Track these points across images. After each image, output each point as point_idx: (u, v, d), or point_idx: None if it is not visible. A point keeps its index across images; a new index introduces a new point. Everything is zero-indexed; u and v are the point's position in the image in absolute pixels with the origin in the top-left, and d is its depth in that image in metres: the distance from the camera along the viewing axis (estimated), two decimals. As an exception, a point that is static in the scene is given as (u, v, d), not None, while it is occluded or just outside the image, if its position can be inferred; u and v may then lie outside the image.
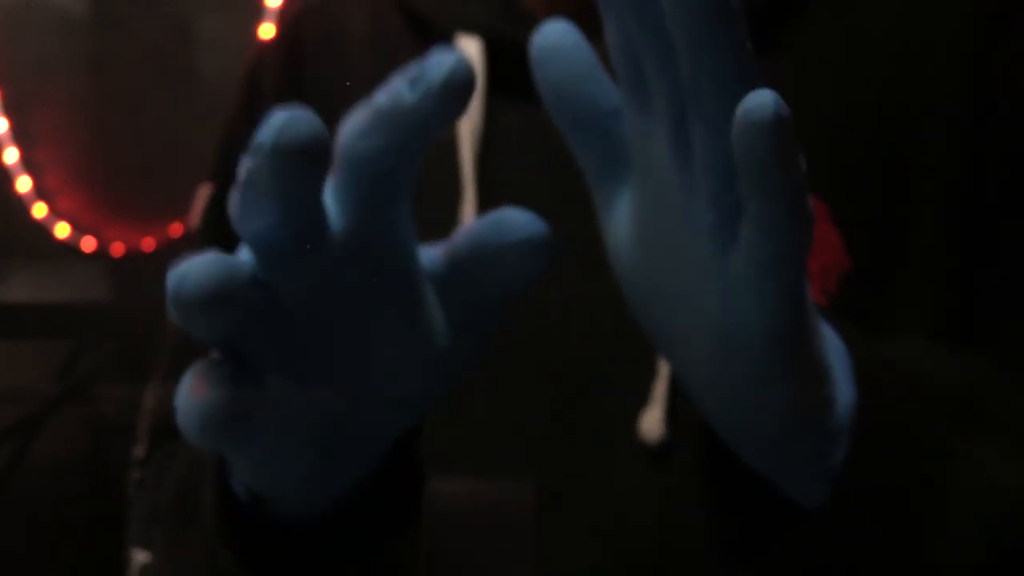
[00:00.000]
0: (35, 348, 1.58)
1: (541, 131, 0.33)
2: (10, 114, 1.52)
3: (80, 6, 1.58)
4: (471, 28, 0.50)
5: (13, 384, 1.54)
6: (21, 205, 1.51)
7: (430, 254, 0.34)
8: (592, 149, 0.34)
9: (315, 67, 0.55)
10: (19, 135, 1.52)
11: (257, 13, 1.40)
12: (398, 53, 0.52)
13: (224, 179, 0.56)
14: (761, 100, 0.27)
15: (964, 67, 0.48)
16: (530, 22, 0.50)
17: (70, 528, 1.46)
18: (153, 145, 1.51)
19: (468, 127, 0.49)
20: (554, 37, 0.33)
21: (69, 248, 1.50)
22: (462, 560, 0.41)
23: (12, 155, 1.51)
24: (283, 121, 0.28)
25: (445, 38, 0.50)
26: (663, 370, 0.45)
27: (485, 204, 0.46)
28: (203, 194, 0.57)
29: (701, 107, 0.29)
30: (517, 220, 0.31)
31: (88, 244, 1.50)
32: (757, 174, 0.28)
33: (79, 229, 1.51)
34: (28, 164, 1.51)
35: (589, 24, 0.50)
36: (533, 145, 0.48)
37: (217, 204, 0.56)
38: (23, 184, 1.50)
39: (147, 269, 1.50)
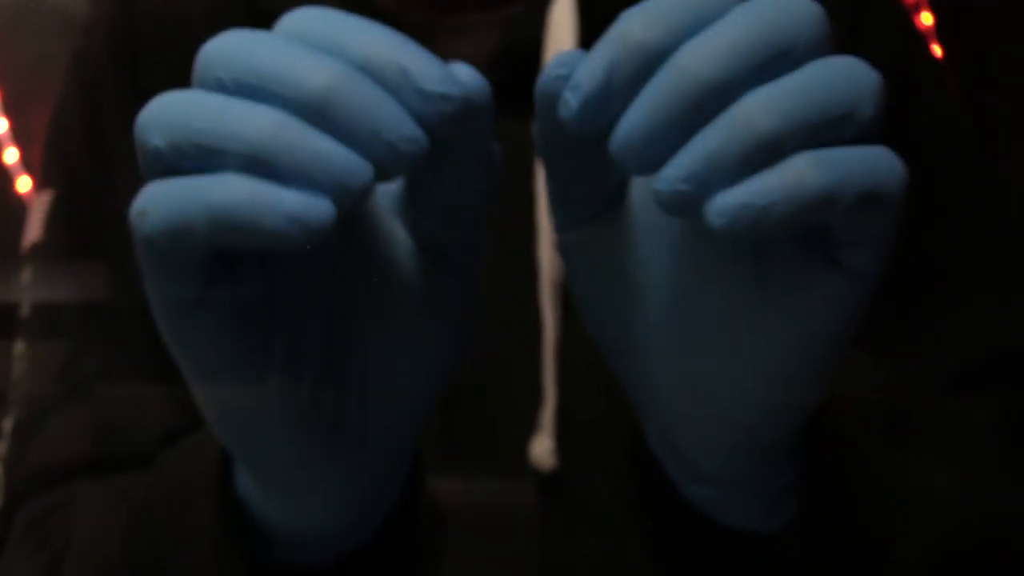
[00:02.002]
0: (35, 348, 1.58)
1: None
2: (10, 114, 1.51)
3: (80, 6, 1.58)
4: None
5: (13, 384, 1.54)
6: (21, 205, 1.50)
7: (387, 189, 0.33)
8: (578, 178, 0.33)
9: (152, 60, 0.52)
10: (19, 135, 1.52)
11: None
12: None
13: (64, 183, 0.53)
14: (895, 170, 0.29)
15: None
16: (383, 22, 0.48)
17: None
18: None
19: None
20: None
21: (69, 248, 1.50)
22: (461, 560, 0.41)
23: (12, 155, 1.50)
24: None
25: None
26: (549, 396, 0.44)
27: None
28: (41, 203, 0.53)
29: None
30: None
31: (88, 244, 1.50)
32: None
33: (79, 229, 1.50)
34: (28, 164, 1.51)
35: (445, 7, 0.49)
36: None
37: (63, 211, 0.53)
38: (23, 184, 1.50)
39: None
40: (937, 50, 1.01)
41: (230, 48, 0.29)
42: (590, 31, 0.47)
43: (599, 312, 0.34)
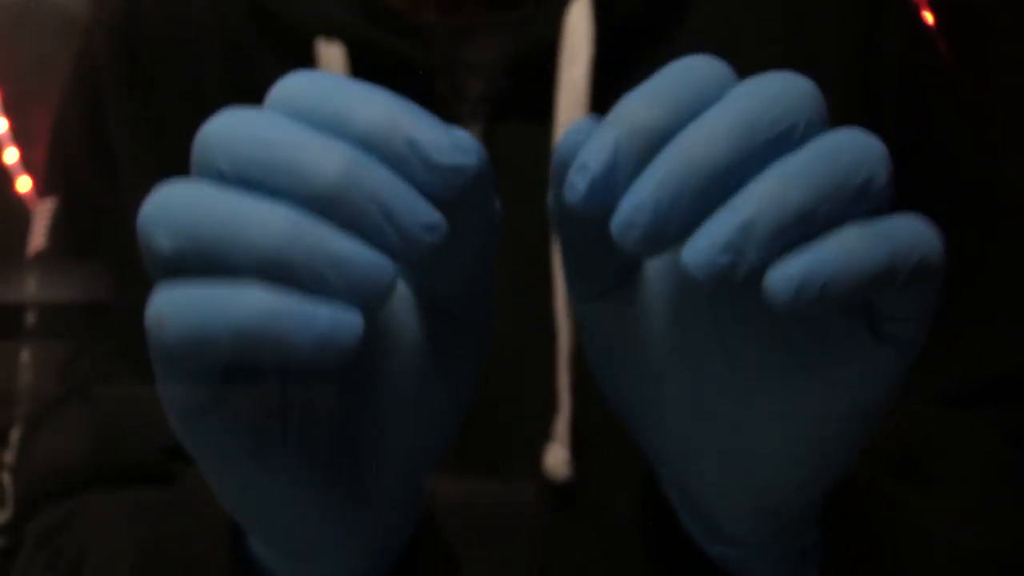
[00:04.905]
0: (35, 348, 1.57)
1: None
2: (10, 114, 1.51)
3: (80, 6, 1.58)
4: (332, 32, 0.46)
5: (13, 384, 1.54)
6: (21, 205, 1.50)
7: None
8: (593, 252, 0.32)
9: (155, 61, 0.50)
10: (19, 135, 1.52)
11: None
12: (248, 54, 0.50)
13: (68, 189, 0.53)
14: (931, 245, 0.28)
15: (845, 69, 0.48)
16: (395, 24, 0.48)
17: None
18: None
19: None
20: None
21: (69, 248, 1.50)
22: (461, 560, 0.41)
23: (12, 155, 1.50)
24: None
25: (303, 43, 0.47)
26: (564, 405, 0.44)
27: None
28: (44, 210, 0.52)
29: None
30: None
31: (88, 244, 1.50)
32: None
33: (79, 229, 1.50)
34: (28, 164, 1.51)
35: (454, 9, 0.48)
36: None
37: (66, 218, 0.52)
38: (23, 184, 1.50)
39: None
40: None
41: (230, 136, 0.27)
42: (606, 37, 0.47)
43: (617, 380, 0.34)
